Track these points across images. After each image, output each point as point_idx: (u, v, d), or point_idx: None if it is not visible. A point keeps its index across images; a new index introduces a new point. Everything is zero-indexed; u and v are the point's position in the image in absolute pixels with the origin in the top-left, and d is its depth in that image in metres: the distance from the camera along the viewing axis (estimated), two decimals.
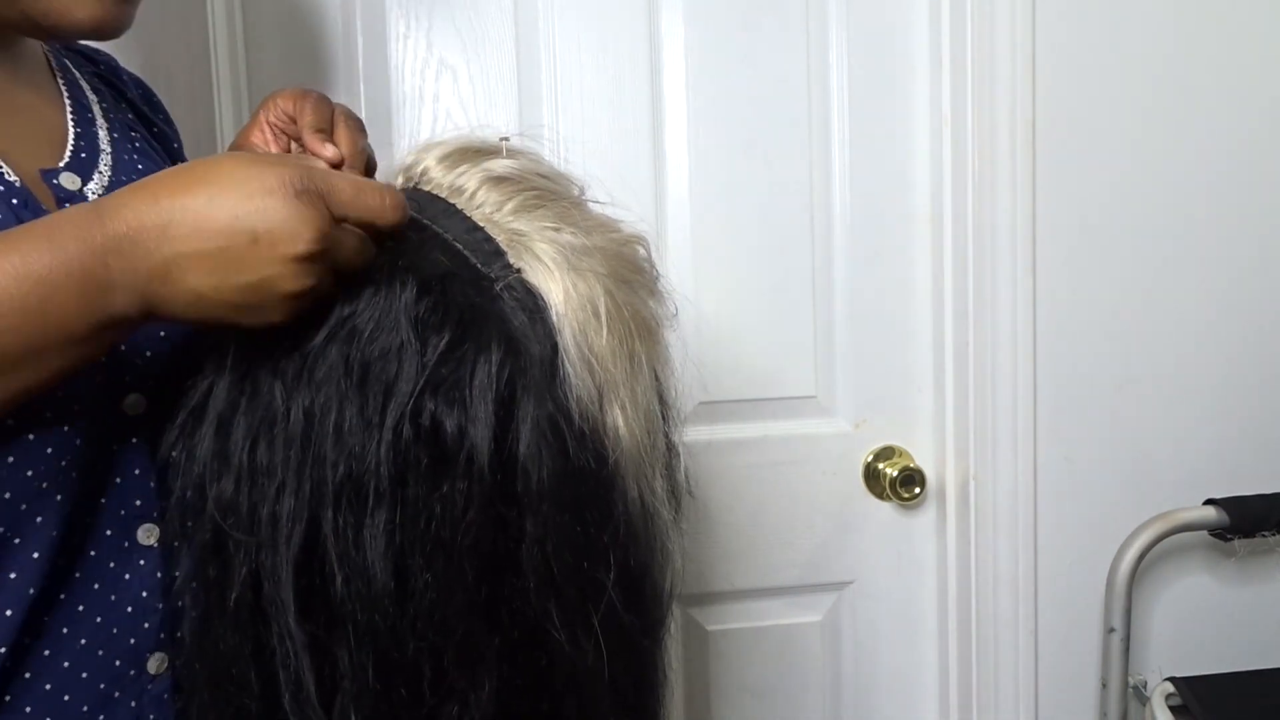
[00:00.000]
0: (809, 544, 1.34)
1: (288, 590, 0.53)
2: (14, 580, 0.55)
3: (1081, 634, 1.34)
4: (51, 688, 0.57)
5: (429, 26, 1.24)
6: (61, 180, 0.62)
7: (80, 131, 0.66)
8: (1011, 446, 1.29)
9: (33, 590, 0.56)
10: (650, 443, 0.61)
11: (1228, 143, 1.30)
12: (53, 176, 0.61)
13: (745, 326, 1.30)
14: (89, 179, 0.64)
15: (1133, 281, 1.31)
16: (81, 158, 0.64)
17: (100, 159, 0.66)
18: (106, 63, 0.77)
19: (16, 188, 0.58)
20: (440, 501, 0.53)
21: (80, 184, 0.63)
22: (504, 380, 0.54)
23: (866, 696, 1.39)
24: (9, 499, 0.54)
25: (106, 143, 0.67)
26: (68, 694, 0.58)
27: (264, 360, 0.55)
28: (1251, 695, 1.24)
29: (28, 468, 0.55)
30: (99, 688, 0.59)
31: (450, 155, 0.62)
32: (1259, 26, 1.30)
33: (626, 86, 1.26)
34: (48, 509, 0.56)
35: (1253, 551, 1.33)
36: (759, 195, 1.29)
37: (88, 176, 0.64)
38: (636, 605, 0.60)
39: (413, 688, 0.54)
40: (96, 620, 0.59)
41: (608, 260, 0.59)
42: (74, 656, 0.58)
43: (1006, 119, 1.24)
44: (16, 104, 0.63)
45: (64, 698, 0.58)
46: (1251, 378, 1.34)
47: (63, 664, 0.58)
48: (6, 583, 0.55)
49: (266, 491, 0.54)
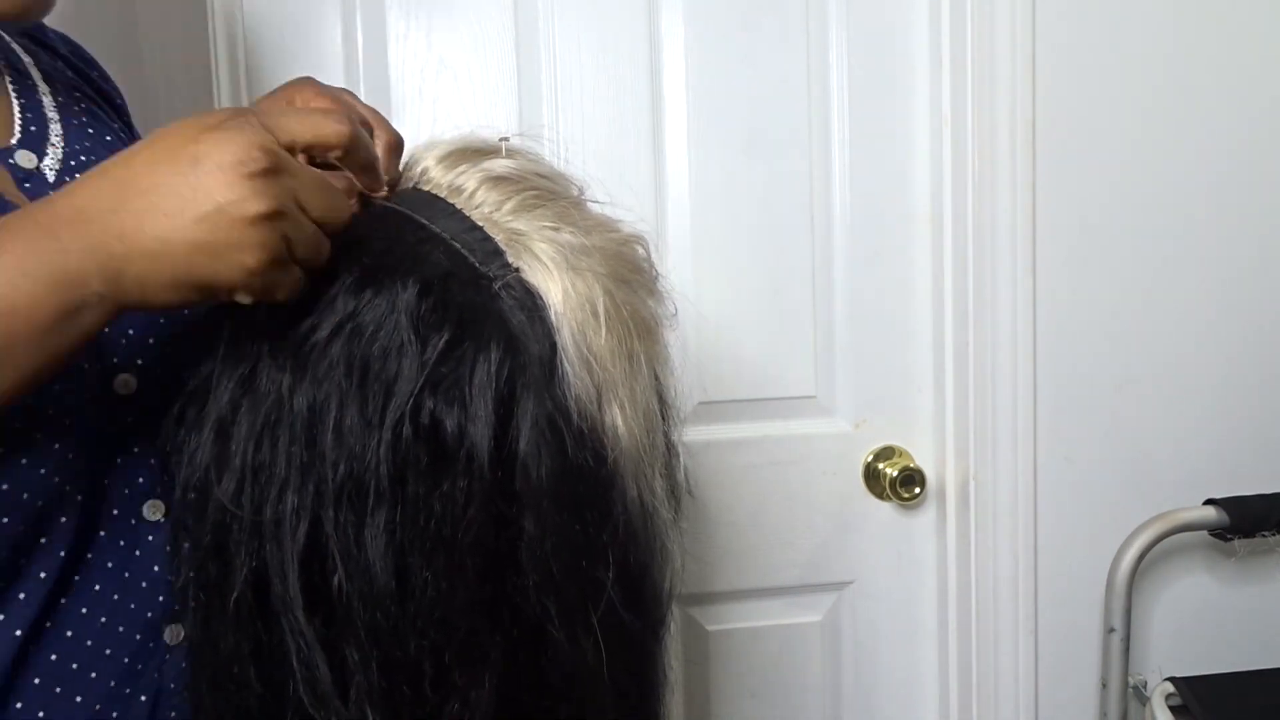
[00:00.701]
0: (809, 544, 1.34)
1: (295, 587, 0.53)
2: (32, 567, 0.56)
3: (1081, 634, 1.34)
4: (78, 667, 0.58)
5: (429, 26, 1.24)
6: (17, 159, 0.60)
7: (25, 102, 0.64)
8: (1011, 446, 1.29)
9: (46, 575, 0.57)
10: (649, 442, 0.61)
11: (1228, 143, 1.30)
12: (7, 157, 0.60)
13: (745, 326, 1.30)
14: (43, 155, 0.62)
15: (1133, 281, 1.31)
16: (31, 131, 0.63)
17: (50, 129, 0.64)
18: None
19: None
20: (440, 500, 0.53)
21: (36, 161, 0.62)
22: (503, 379, 0.54)
23: (866, 696, 1.39)
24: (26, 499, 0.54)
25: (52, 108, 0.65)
26: (94, 671, 0.59)
27: (265, 360, 0.55)
28: (1251, 695, 1.24)
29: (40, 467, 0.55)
30: (123, 662, 0.60)
31: (450, 155, 0.62)
32: (1259, 26, 1.30)
33: (626, 86, 1.26)
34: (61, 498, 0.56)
35: (1253, 551, 1.33)
36: (759, 195, 1.29)
37: (41, 152, 0.63)
38: (636, 604, 0.60)
39: (415, 686, 0.55)
40: (114, 598, 0.60)
41: (607, 260, 0.59)
42: (96, 635, 0.59)
43: (1006, 119, 1.24)
44: None
45: (90, 675, 0.58)
46: (1251, 378, 1.34)
47: (86, 643, 0.58)
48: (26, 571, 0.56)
49: (270, 490, 0.54)
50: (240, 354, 0.56)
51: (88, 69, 0.76)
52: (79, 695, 0.58)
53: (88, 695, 0.58)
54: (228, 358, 0.57)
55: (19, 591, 0.56)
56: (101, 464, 0.60)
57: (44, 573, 0.56)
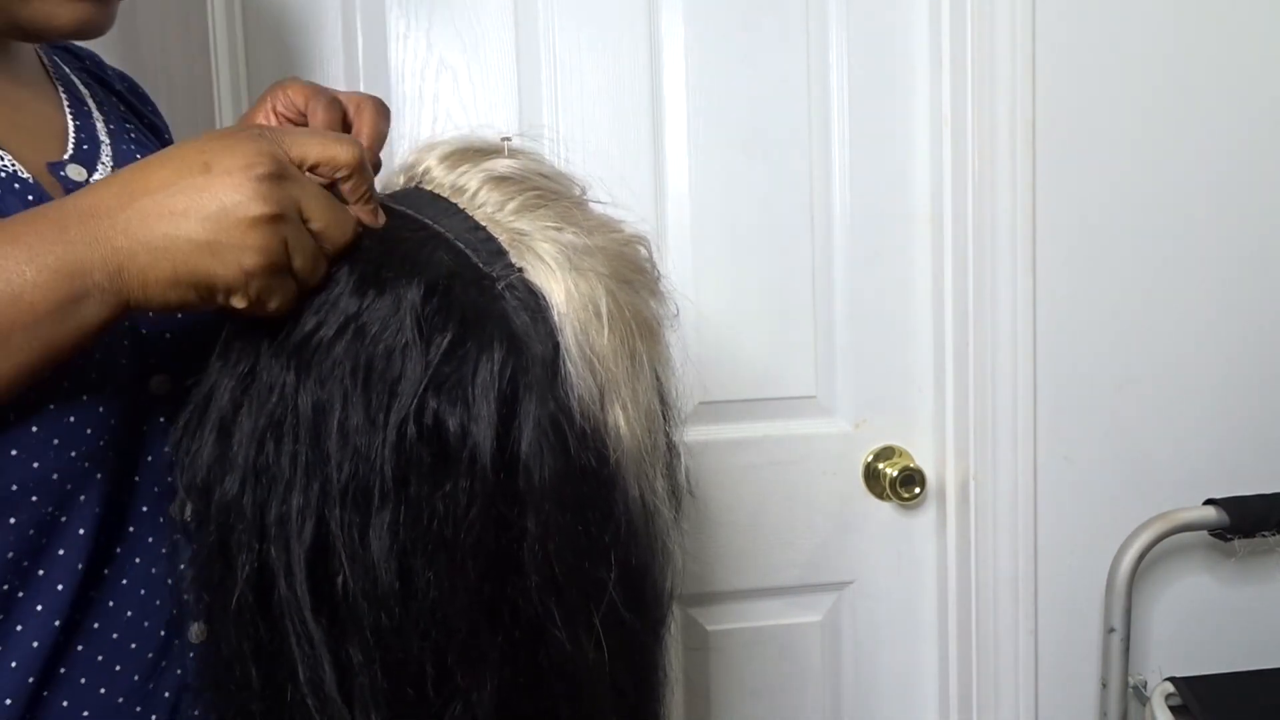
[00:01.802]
0: (809, 544, 1.34)
1: (303, 587, 0.53)
2: (63, 556, 0.57)
3: (1081, 634, 1.34)
4: (103, 659, 0.59)
5: (429, 26, 1.24)
6: (68, 172, 0.63)
7: (80, 124, 0.67)
8: (1011, 446, 1.29)
9: (80, 565, 0.57)
10: (651, 442, 0.61)
11: (1228, 143, 1.31)
12: (59, 169, 0.63)
13: (745, 326, 1.30)
14: (94, 170, 0.65)
15: (1133, 281, 1.31)
16: (84, 149, 0.66)
17: (101, 150, 0.67)
18: (91, 58, 0.79)
19: (30, 184, 0.59)
20: (443, 500, 0.53)
21: (86, 175, 0.64)
22: (506, 379, 0.54)
23: (866, 696, 1.39)
24: (56, 479, 0.56)
25: (105, 134, 0.68)
26: (119, 665, 0.60)
27: (266, 359, 0.55)
28: (1251, 695, 1.24)
29: (71, 449, 0.56)
30: (147, 658, 0.61)
31: (451, 155, 0.63)
32: (1259, 26, 1.30)
33: (626, 86, 1.26)
34: (90, 487, 0.58)
35: (1253, 551, 1.33)
36: (759, 195, 1.29)
37: (92, 167, 0.65)
38: (637, 604, 0.60)
39: (417, 687, 0.55)
40: (140, 593, 0.61)
41: (609, 260, 0.59)
42: (122, 629, 0.60)
43: (1006, 119, 1.24)
44: (17, 101, 0.64)
45: (115, 668, 0.60)
46: (1251, 378, 1.34)
47: (111, 636, 0.60)
48: (56, 559, 0.57)
49: (274, 490, 0.54)
50: (240, 353, 0.56)
51: (141, 105, 0.80)
52: (103, 688, 0.59)
53: (111, 688, 0.59)
54: (227, 356, 0.57)
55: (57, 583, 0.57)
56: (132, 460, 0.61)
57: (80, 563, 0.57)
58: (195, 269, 0.50)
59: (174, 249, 0.50)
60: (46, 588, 0.56)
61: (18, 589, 0.56)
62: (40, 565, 0.56)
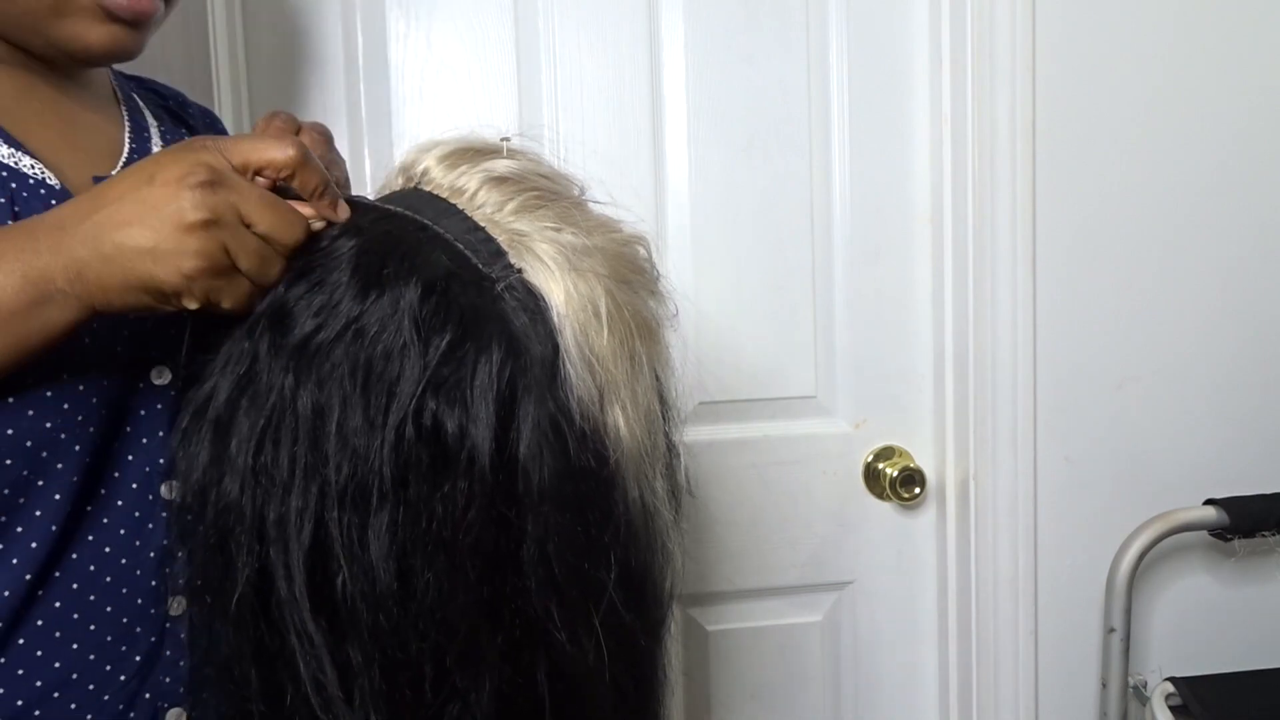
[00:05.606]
0: (809, 544, 1.34)
1: (302, 588, 0.53)
2: (39, 517, 0.62)
3: (1081, 634, 1.34)
4: (79, 617, 0.64)
5: (429, 26, 1.24)
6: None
7: (135, 147, 0.72)
8: (1011, 446, 1.29)
9: (55, 527, 0.62)
10: (651, 443, 0.61)
11: (1227, 142, 1.31)
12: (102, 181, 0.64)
13: (745, 326, 1.30)
14: None
15: (1132, 281, 1.31)
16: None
17: None
18: (175, 97, 0.84)
19: (56, 190, 0.63)
20: (441, 501, 0.53)
21: None
22: (505, 380, 0.54)
23: (866, 696, 1.39)
24: (30, 446, 0.60)
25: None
26: (93, 624, 0.64)
27: (267, 361, 0.55)
28: (1251, 695, 1.24)
29: (45, 420, 0.61)
30: (122, 621, 0.65)
31: (450, 155, 0.62)
32: (1259, 26, 1.30)
33: (626, 86, 1.26)
34: (67, 457, 0.62)
35: (1253, 551, 1.33)
36: (759, 195, 1.29)
37: None
38: (637, 605, 0.60)
39: (416, 687, 0.55)
40: (121, 562, 0.65)
41: (609, 260, 0.59)
42: (99, 592, 0.64)
43: (1006, 119, 1.24)
44: (77, 122, 0.69)
45: (90, 627, 0.64)
46: (1252, 377, 1.34)
47: (88, 597, 0.64)
48: (32, 519, 0.62)
49: (273, 491, 0.54)
50: (238, 354, 0.56)
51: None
52: (75, 643, 0.64)
53: (83, 645, 0.64)
54: (225, 356, 0.57)
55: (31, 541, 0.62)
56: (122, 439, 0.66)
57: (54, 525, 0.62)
58: (140, 274, 0.54)
59: (121, 256, 0.54)
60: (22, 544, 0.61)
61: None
62: (17, 523, 0.61)
